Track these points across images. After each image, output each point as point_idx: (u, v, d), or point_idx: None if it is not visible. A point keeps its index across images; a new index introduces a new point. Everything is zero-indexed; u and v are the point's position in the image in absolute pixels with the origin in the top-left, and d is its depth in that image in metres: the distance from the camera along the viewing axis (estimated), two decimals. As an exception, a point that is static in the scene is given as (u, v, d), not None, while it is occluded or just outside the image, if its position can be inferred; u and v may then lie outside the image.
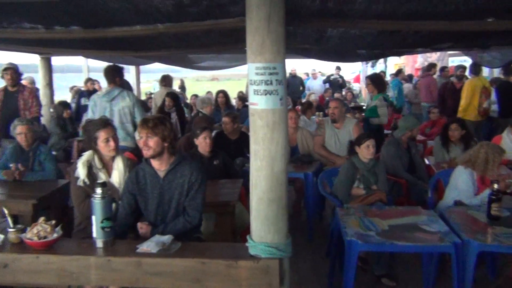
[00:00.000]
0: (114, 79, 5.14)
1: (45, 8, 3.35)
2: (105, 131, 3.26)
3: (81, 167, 3.20)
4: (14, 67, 5.66)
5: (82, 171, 3.19)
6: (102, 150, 3.27)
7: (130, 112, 5.05)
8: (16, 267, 2.54)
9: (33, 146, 4.39)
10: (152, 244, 2.55)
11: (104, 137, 3.24)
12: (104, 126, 3.29)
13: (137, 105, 5.15)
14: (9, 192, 4.05)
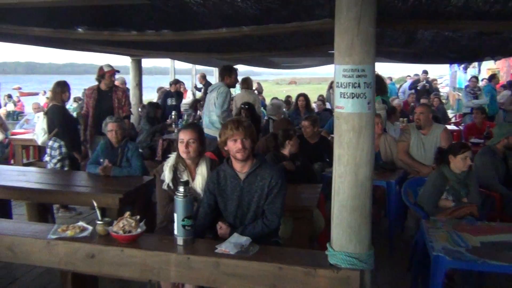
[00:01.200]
0: (223, 76, 5.86)
1: (138, 14, 3.50)
2: (183, 133, 3.26)
3: (167, 171, 3.24)
4: (115, 69, 5.98)
5: (168, 175, 3.23)
6: (179, 151, 3.27)
7: (215, 103, 5.56)
8: (102, 258, 2.66)
9: (122, 143, 4.61)
10: (231, 246, 2.54)
11: (181, 138, 3.25)
12: (184, 128, 3.34)
13: (219, 99, 5.60)
14: (98, 186, 4.27)
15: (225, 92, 5.70)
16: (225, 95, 5.67)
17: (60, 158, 5.29)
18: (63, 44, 6.23)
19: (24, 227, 3.04)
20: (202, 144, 3.31)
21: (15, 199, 4.65)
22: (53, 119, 5.32)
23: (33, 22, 4.29)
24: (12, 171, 4.81)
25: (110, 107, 5.83)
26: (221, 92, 5.67)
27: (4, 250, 2.83)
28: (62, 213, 5.68)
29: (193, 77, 13.94)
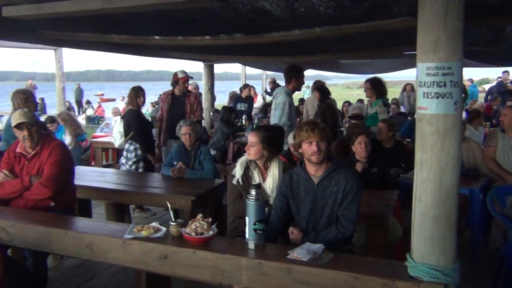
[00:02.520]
0: (290, 78, 5.20)
1: (212, 18, 3.53)
2: (249, 135, 3.36)
3: (239, 166, 3.31)
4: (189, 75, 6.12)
5: (239, 171, 3.29)
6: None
7: (273, 114, 5.12)
8: (174, 259, 2.68)
9: (194, 146, 4.69)
10: (303, 252, 2.46)
11: (248, 140, 3.32)
12: (251, 130, 3.38)
13: (276, 111, 5.04)
14: (171, 187, 4.36)
15: (282, 103, 5.02)
16: (282, 107, 5.01)
17: (136, 160, 5.49)
18: (140, 50, 6.48)
19: (102, 226, 3.15)
20: (266, 148, 3.27)
21: (95, 199, 4.87)
22: (129, 123, 5.53)
23: (113, 30, 4.48)
24: (93, 172, 5.05)
25: (182, 112, 5.98)
26: (278, 103, 5.02)
27: (83, 247, 2.95)
28: (138, 213, 5.89)
29: (263, 81, 14.03)
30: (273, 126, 3.75)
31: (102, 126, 10.03)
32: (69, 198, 3.75)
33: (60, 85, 9.53)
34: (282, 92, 5.12)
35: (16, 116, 3.52)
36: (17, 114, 3.55)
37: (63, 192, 3.61)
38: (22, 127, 3.48)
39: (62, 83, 9.55)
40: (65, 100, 9.88)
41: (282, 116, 4.97)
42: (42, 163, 3.53)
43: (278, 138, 3.36)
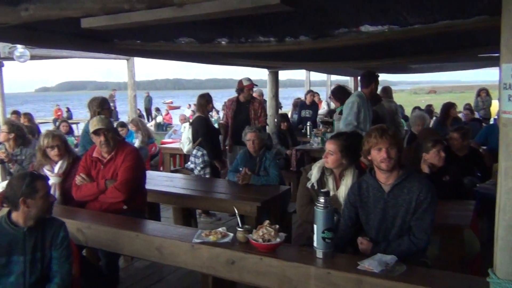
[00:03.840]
0: (367, 83, 5.29)
1: (278, 23, 3.52)
2: (327, 143, 3.29)
3: (316, 170, 3.27)
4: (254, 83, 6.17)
5: (315, 175, 3.24)
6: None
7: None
8: (242, 265, 2.68)
9: (260, 152, 4.70)
10: (375, 263, 2.36)
11: (326, 148, 3.27)
12: (329, 139, 3.31)
13: (344, 110, 5.09)
14: (237, 193, 4.39)
15: (351, 102, 5.06)
16: (350, 106, 5.02)
17: (203, 166, 5.58)
18: (207, 58, 6.62)
19: (171, 230, 3.23)
20: (345, 157, 3.19)
21: (163, 203, 5.01)
22: (197, 129, 5.65)
23: (180, 38, 4.60)
24: (162, 177, 5.20)
25: (247, 118, 6.03)
26: (347, 102, 5.11)
27: (153, 250, 3.03)
28: (204, 218, 5.99)
29: (328, 87, 13.87)
30: (352, 134, 3.66)
31: (170, 133, 10.37)
32: (140, 202, 3.88)
33: (131, 93, 9.99)
34: (353, 94, 5.18)
35: (94, 123, 3.69)
36: (94, 120, 3.73)
37: (135, 196, 3.74)
38: (99, 133, 3.65)
39: (134, 91, 10.00)
40: (136, 108, 10.33)
41: (348, 115, 4.96)
42: (116, 168, 3.68)
43: (356, 146, 3.27)
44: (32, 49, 7.93)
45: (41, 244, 2.62)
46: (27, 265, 2.57)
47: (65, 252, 2.68)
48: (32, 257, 2.59)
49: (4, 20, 3.17)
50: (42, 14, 2.93)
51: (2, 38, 5.00)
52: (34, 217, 2.59)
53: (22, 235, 2.58)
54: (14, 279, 2.55)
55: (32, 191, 2.55)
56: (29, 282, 2.58)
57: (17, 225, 2.58)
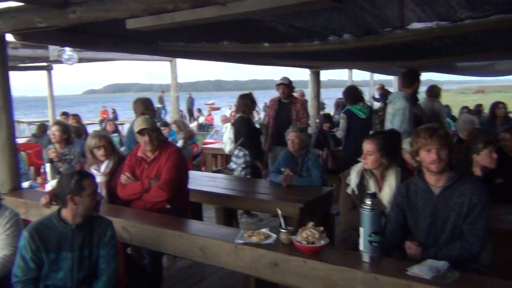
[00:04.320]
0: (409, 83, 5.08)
1: (321, 21, 3.45)
2: (364, 143, 3.18)
3: (354, 175, 3.15)
4: (286, 82, 6.13)
5: (354, 180, 3.13)
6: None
7: (391, 121, 4.86)
8: (285, 267, 2.63)
9: (302, 152, 4.63)
10: (425, 269, 2.25)
11: (363, 149, 3.16)
12: (366, 138, 3.20)
13: (396, 118, 4.81)
14: (279, 194, 4.34)
15: (402, 108, 4.78)
16: (402, 113, 4.76)
17: (244, 166, 5.57)
18: (249, 59, 6.63)
19: (214, 230, 3.22)
20: (384, 156, 3.08)
21: (205, 203, 5.03)
22: (239, 129, 5.64)
23: (224, 39, 4.61)
24: (204, 177, 5.23)
25: (288, 118, 5.97)
26: (397, 109, 4.80)
27: (197, 250, 3.03)
28: (245, 218, 5.98)
29: (370, 87, 13.60)
30: (390, 132, 3.54)
31: (212, 133, 10.46)
32: (183, 201, 3.91)
33: (174, 94, 10.15)
34: (400, 97, 4.89)
35: (139, 123, 3.75)
36: (139, 120, 3.79)
37: (178, 196, 3.76)
38: (144, 132, 3.70)
39: (176, 92, 10.15)
40: (178, 109, 10.48)
41: (403, 123, 4.72)
42: (160, 167, 3.72)
43: (395, 144, 3.15)
44: (80, 52, 8.20)
45: (89, 241, 2.68)
46: (75, 262, 2.63)
47: (112, 251, 2.73)
48: (80, 254, 2.64)
49: (54, 23, 3.28)
50: (89, 16, 3.00)
51: (52, 41, 5.18)
52: (82, 214, 2.64)
53: (71, 232, 2.63)
54: (63, 275, 2.62)
55: (79, 189, 2.61)
56: (76, 278, 2.64)
57: (66, 222, 2.64)
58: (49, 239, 2.60)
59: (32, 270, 2.57)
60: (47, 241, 2.59)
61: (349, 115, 6.06)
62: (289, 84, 6.07)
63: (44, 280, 2.62)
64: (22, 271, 2.57)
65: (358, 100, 6.10)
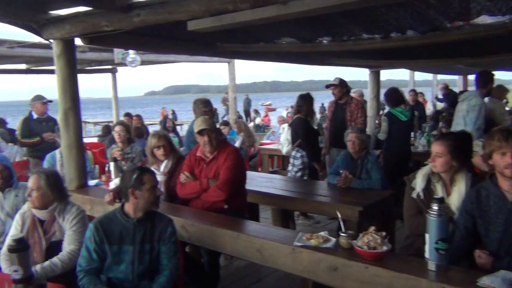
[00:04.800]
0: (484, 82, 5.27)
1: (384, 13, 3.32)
2: (432, 145, 3.01)
3: (420, 178, 2.98)
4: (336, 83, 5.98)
5: (420, 184, 2.96)
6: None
7: (464, 117, 4.98)
8: (345, 272, 2.55)
9: (361, 154, 4.50)
10: (498, 281, 2.09)
11: (433, 150, 2.98)
12: (435, 140, 3.03)
13: (470, 114, 4.91)
14: (337, 196, 4.24)
15: (478, 105, 4.95)
16: (478, 109, 4.92)
17: (301, 167, 5.51)
18: (307, 58, 6.55)
19: (272, 231, 3.18)
20: (455, 159, 2.89)
21: (262, 204, 5.02)
22: (297, 130, 5.58)
23: (282, 38, 4.57)
24: (261, 178, 5.22)
25: (343, 120, 5.84)
26: (472, 105, 4.98)
27: (254, 251, 3.01)
28: (302, 220, 5.92)
29: (434, 87, 13.06)
30: (461, 133, 3.33)
31: (269, 134, 10.46)
32: (241, 202, 3.91)
33: (232, 95, 10.25)
34: (476, 95, 5.02)
35: (198, 123, 3.80)
36: (199, 121, 3.83)
37: (236, 196, 3.77)
38: (203, 133, 3.74)
39: (234, 93, 10.25)
40: (236, 109, 10.57)
41: (477, 119, 4.89)
42: (218, 167, 3.75)
43: (466, 146, 2.96)
44: (142, 54, 8.48)
45: (150, 236, 2.76)
46: (136, 255, 2.72)
47: (173, 247, 2.81)
48: (140, 247, 2.73)
49: (119, 26, 3.39)
50: (152, 19, 3.07)
51: (117, 44, 5.39)
52: (142, 208, 2.75)
53: (132, 225, 2.74)
54: (124, 268, 2.72)
55: (140, 183, 2.72)
56: (137, 272, 2.72)
57: (128, 216, 2.76)
58: (112, 232, 2.73)
59: (94, 261, 2.71)
60: (110, 234, 2.72)
61: (391, 117, 6.04)
62: (340, 84, 5.94)
63: (107, 272, 2.74)
64: (85, 261, 2.71)
65: (399, 103, 6.07)
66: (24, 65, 10.21)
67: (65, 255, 3.00)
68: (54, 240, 3.10)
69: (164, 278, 2.74)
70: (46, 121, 6.46)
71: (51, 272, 2.92)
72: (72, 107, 4.40)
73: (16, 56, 7.59)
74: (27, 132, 6.35)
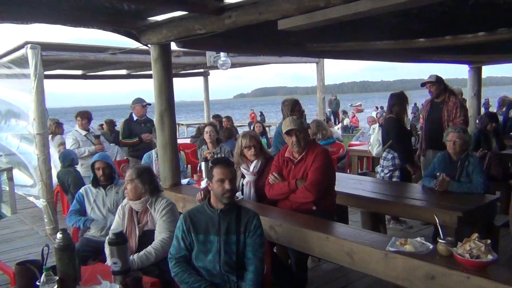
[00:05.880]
0: None
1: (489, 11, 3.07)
2: None
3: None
4: (432, 80, 5.62)
5: None
6: None
7: None
8: (443, 281, 2.38)
9: (462, 156, 4.20)
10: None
11: None
12: None
13: None
14: (433, 200, 4.00)
15: None
16: None
17: (392, 169, 5.29)
18: (402, 56, 6.25)
19: (362, 235, 3.07)
20: None
21: (352, 206, 4.88)
22: (388, 131, 5.37)
23: (374, 36, 4.42)
24: (351, 180, 5.08)
25: (439, 119, 5.49)
26: None
27: (343, 254, 2.92)
28: (393, 224, 5.67)
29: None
30: None
31: (358, 135, 10.21)
32: (329, 203, 3.83)
33: (320, 95, 10.13)
34: None
35: (287, 123, 3.78)
36: (287, 121, 3.82)
37: (324, 197, 3.69)
38: (291, 133, 3.72)
39: (322, 94, 10.12)
40: (324, 110, 10.42)
41: None
42: (306, 168, 3.70)
43: None
44: (233, 57, 8.66)
45: (235, 227, 2.83)
46: (222, 245, 2.80)
47: (258, 240, 2.84)
48: (226, 238, 2.81)
49: (211, 28, 3.48)
50: (243, 20, 3.11)
51: (209, 46, 5.56)
52: (215, 199, 2.86)
53: (217, 216, 2.84)
54: (211, 257, 2.81)
55: (211, 175, 2.88)
56: (223, 262, 2.79)
57: (212, 207, 2.88)
58: (199, 222, 2.86)
59: (183, 249, 2.86)
60: (197, 223, 2.85)
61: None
62: (437, 81, 5.56)
63: (195, 261, 2.85)
64: (175, 249, 2.88)
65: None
66: (124, 70, 10.92)
67: (157, 243, 3.19)
68: (147, 229, 3.33)
69: (251, 275, 2.77)
70: (144, 123, 6.86)
71: (147, 260, 3.12)
72: (167, 108, 4.61)
73: (118, 62, 8.14)
74: (127, 132, 6.79)
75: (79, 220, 4.01)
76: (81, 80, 11.24)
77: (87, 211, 4.08)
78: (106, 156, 4.32)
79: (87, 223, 4.00)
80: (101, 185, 4.12)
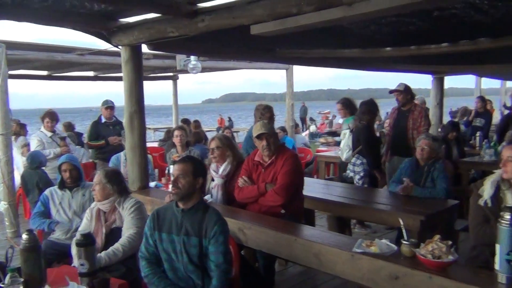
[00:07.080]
0: None
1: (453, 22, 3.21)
2: (507, 149, 2.85)
3: (489, 185, 2.84)
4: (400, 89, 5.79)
5: (488, 191, 2.82)
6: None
7: None
8: (406, 281, 2.46)
9: (428, 162, 4.35)
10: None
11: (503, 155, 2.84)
12: (507, 144, 2.87)
13: None
14: (398, 205, 4.10)
15: None
16: None
17: (363, 175, 5.40)
18: (368, 64, 6.43)
19: (329, 237, 3.14)
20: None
21: (319, 210, 4.95)
22: (359, 137, 5.48)
23: (342, 44, 4.52)
24: (319, 184, 5.16)
25: (405, 127, 5.66)
26: None
27: (311, 256, 2.97)
28: (358, 229, 5.79)
29: (502, 95, 12.39)
30: None
31: (324, 142, 10.37)
32: (297, 207, 3.88)
33: (289, 102, 10.24)
34: None
35: (257, 127, 3.82)
36: (258, 125, 3.86)
37: (293, 201, 3.74)
38: (262, 137, 3.76)
39: (292, 100, 10.24)
40: (293, 117, 10.53)
41: None
42: (276, 172, 3.74)
43: None
44: (203, 61, 8.67)
45: (197, 231, 2.71)
46: (183, 247, 2.72)
47: (221, 249, 2.69)
48: (187, 239, 2.71)
49: (184, 32, 3.50)
50: (216, 24, 3.14)
51: (180, 49, 5.55)
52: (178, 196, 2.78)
53: (180, 215, 2.77)
54: (175, 257, 2.77)
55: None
56: (186, 262, 2.71)
57: (178, 207, 2.80)
58: (164, 220, 2.82)
59: (151, 246, 2.82)
60: (162, 221, 2.82)
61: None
62: (405, 90, 5.75)
63: (163, 262, 2.81)
64: (144, 246, 2.85)
65: None
66: (92, 72, 10.74)
67: (125, 239, 3.18)
68: (115, 226, 3.32)
69: (215, 282, 2.65)
70: (113, 125, 6.76)
71: (114, 257, 3.09)
72: (137, 110, 4.57)
73: (86, 63, 8.01)
74: (94, 135, 6.68)
75: (44, 223, 3.93)
76: (44, 81, 10.97)
77: (52, 213, 4.00)
78: (73, 158, 4.25)
79: (52, 225, 3.92)
80: (67, 187, 4.05)
